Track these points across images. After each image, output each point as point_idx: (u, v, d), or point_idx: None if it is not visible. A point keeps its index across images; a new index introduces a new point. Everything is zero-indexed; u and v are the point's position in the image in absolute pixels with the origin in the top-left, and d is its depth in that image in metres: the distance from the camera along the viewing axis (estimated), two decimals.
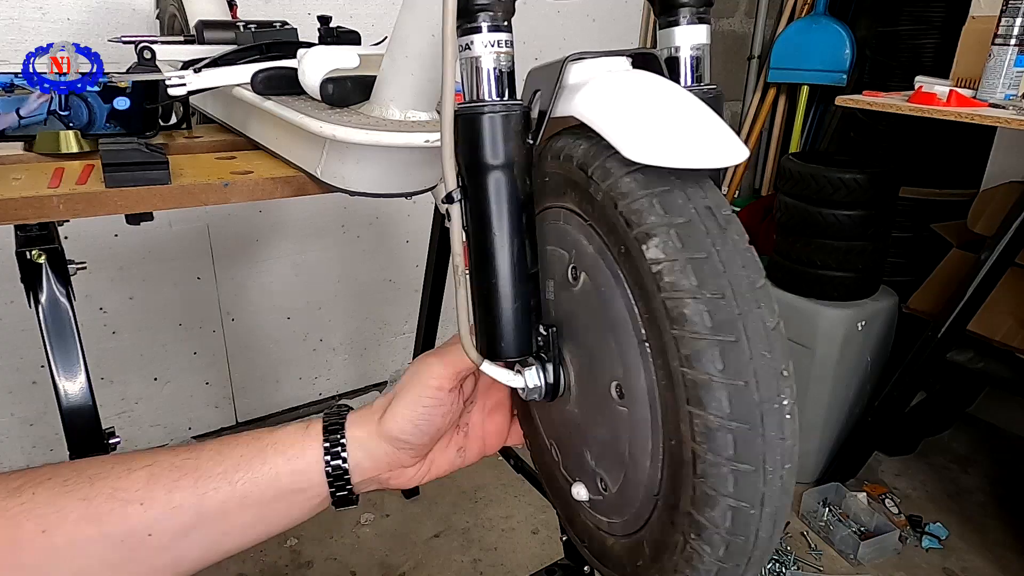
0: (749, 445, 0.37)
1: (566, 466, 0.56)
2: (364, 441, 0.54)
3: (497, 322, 0.48)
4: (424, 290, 1.76)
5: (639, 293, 0.41)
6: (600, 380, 0.46)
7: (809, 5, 2.74)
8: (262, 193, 0.90)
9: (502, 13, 0.46)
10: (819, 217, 1.87)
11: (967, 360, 1.93)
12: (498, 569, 1.77)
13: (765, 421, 0.38)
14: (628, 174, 0.41)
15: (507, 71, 0.47)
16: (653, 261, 0.39)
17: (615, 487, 0.48)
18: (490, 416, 0.62)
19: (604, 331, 0.45)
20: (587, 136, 0.45)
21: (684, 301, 0.38)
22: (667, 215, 0.39)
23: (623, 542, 0.49)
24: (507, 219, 0.47)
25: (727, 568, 0.40)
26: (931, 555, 1.85)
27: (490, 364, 0.51)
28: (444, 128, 0.46)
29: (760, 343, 0.38)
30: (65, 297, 0.90)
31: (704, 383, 0.37)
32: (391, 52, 0.77)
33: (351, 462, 0.53)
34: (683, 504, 0.40)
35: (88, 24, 1.68)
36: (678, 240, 0.39)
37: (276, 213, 2.07)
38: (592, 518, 0.53)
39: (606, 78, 0.46)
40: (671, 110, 0.43)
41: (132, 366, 1.98)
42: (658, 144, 0.40)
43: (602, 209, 0.42)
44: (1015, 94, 1.63)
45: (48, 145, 0.94)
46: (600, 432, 0.48)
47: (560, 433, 0.55)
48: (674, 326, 0.38)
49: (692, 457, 0.38)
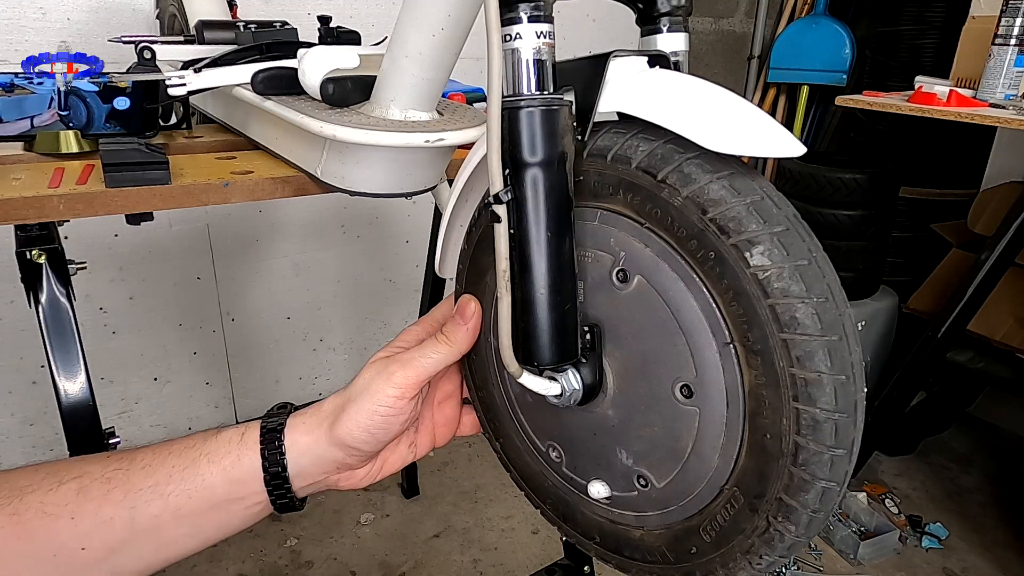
0: (847, 432, 0.41)
1: (575, 466, 0.55)
2: (310, 446, 0.51)
3: (546, 327, 0.47)
4: (424, 290, 1.76)
5: (731, 297, 0.42)
6: (658, 381, 0.47)
7: (809, 5, 2.74)
8: (262, 193, 0.90)
9: (545, 2, 0.45)
10: (819, 217, 1.87)
11: (967, 360, 1.93)
12: (498, 569, 1.77)
13: (857, 409, 0.41)
14: (715, 180, 0.42)
15: (552, 63, 0.46)
16: (759, 268, 0.40)
17: (662, 482, 0.48)
18: (439, 408, 0.60)
19: (670, 333, 0.45)
20: (642, 136, 0.45)
21: (795, 306, 0.40)
22: (767, 223, 0.41)
23: (660, 532, 0.50)
24: (558, 219, 0.46)
25: (801, 541, 0.43)
26: (931, 555, 1.85)
27: (529, 376, 0.49)
28: (491, 123, 0.44)
29: (853, 339, 0.42)
30: (65, 297, 0.89)
31: (815, 381, 0.40)
32: (391, 52, 0.77)
33: (294, 469, 0.51)
34: (772, 492, 0.42)
35: (88, 24, 1.68)
36: (783, 248, 0.41)
37: (276, 213, 2.07)
38: (610, 514, 0.53)
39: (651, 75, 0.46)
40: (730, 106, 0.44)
41: (132, 366, 1.98)
42: (733, 136, 0.42)
43: (681, 214, 0.43)
44: (1015, 94, 1.63)
45: (48, 145, 0.94)
46: (648, 432, 0.49)
47: (570, 435, 0.55)
48: (784, 329, 0.40)
49: (793, 448, 0.41)
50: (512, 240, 0.46)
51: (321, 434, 0.51)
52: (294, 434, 0.52)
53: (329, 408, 0.53)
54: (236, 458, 0.50)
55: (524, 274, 0.47)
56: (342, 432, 0.51)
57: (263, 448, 0.51)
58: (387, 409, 0.51)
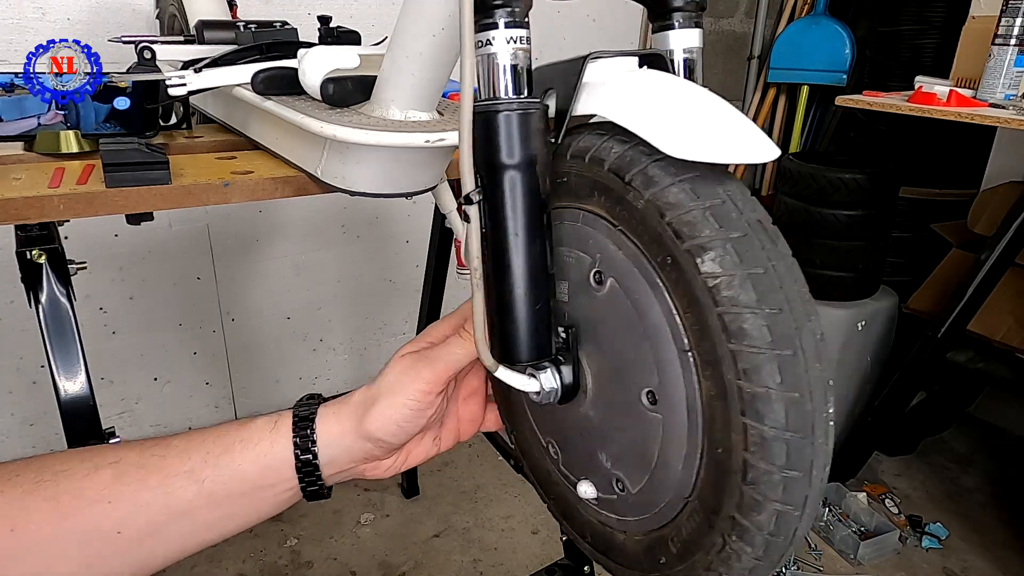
0: (801, 453, 0.38)
1: (568, 464, 0.56)
2: (339, 438, 0.53)
3: (517, 325, 0.48)
4: (424, 290, 1.76)
5: (687, 304, 0.41)
6: (628, 386, 0.46)
7: (809, 5, 2.74)
8: (262, 193, 0.90)
9: (520, 8, 0.45)
10: (819, 217, 1.87)
11: (967, 360, 1.93)
12: (498, 569, 1.77)
13: (815, 430, 0.39)
14: (676, 184, 0.41)
15: (526, 68, 0.46)
16: (709, 275, 0.39)
17: (635, 488, 0.48)
18: (465, 404, 0.61)
19: (636, 338, 0.44)
20: (617, 138, 0.44)
21: (744, 316, 0.38)
22: (722, 228, 0.39)
23: (639, 539, 0.49)
24: (528, 220, 0.46)
25: (762, 565, 0.41)
26: (931, 555, 1.85)
27: (505, 370, 0.50)
28: (463, 127, 0.45)
29: (813, 355, 0.39)
30: (65, 297, 0.89)
31: (762, 396, 0.38)
32: (391, 52, 0.77)
33: (324, 458, 0.53)
34: (726, 509, 0.40)
35: (88, 24, 1.68)
36: (736, 255, 0.39)
37: (276, 213, 2.07)
38: (598, 515, 0.53)
39: (630, 77, 0.45)
40: (703, 109, 0.43)
41: (132, 366, 1.98)
42: (698, 141, 0.40)
43: (643, 218, 0.42)
44: (1015, 94, 1.63)
45: (48, 145, 0.94)
46: (621, 436, 0.48)
47: (563, 433, 0.55)
48: (732, 340, 0.38)
49: (743, 466, 0.39)
50: (484, 239, 0.47)
51: (351, 426, 0.53)
52: (325, 424, 0.53)
53: (359, 400, 0.54)
54: (269, 445, 0.51)
55: (495, 273, 0.48)
56: (372, 426, 0.52)
57: (296, 437, 0.52)
58: (416, 403, 0.52)
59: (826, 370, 0.40)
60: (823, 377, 0.39)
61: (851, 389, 2.04)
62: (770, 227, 0.41)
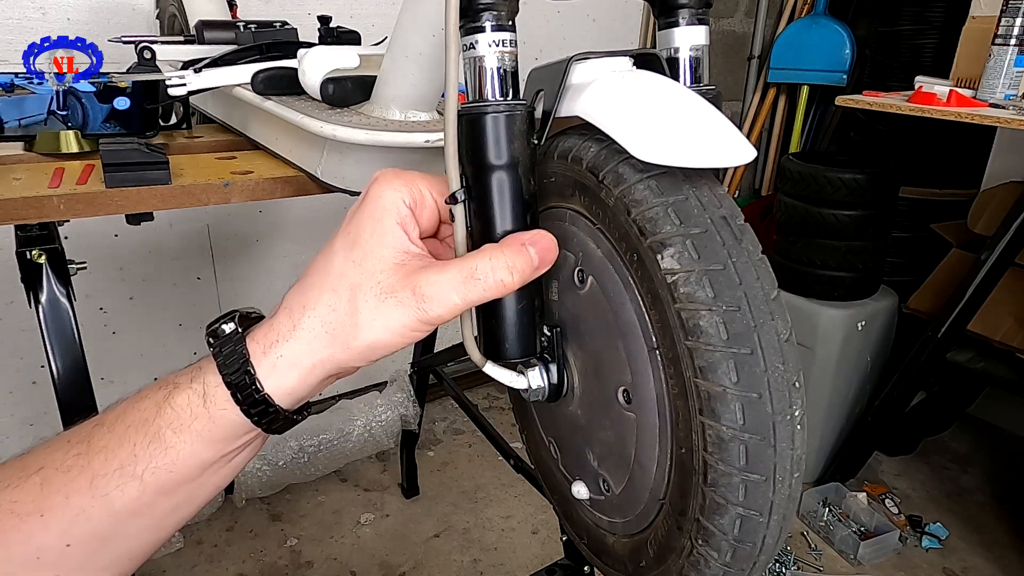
0: (760, 456, 0.38)
1: (565, 464, 0.56)
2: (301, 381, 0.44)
3: (502, 323, 0.48)
4: None
5: (651, 301, 0.40)
6: (607, 384, 0.46)
7: (809, 5, 2.74)
8: (262, 193, 0.90)
9: (506, 12, 0.45)
10: (819, 217, 1.87)
11: (967, 360, 1.93)
12: (498, 569, 1.77)
13: (777, 433, 0.38)
14: (642, 181, 0.41)
15: (511, 71, 0.47)
16: (668, 271, 0.38)
17: (618, 489, 0.48)
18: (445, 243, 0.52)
19: (612, 336, 0.45)
20: (596, 138, 0.45)
21: (700, 313, 0.38)
22: (683, 225, 0.39)
23: (625, 541, 0.49)
24: (512, 219, 0.46)
25: (732, 573, 0.41)
26: (931, 555, 1.85)
27: (493, 366, 0.50)
28: (447, 128, 0.46)
29: (774, 355, 0.38)
30: (65, 297, 0.90)
31: (718, 395, 0.37)
32: (391, 52, 0.78)
33: (285, 402, 0.44)
34: (691, 511, 0.40)
35: (88, 24, 1.68)
36: (694, 251, 0.38)
37: (276, 213, 2.07)
38: (592, 516, 0.53)
39: (611, 78, 0.45)
40: (678, 110, 0.43)
41: (132, 366, 1.98)
42: (667, 144, 0.40)
43: (614, 215, 0.42)
44: (1015, 94, 1.63)
45: (48, 145, 0.94)
46: (604, 435, 0.48)
47: (560, 432, 0.56)
48: (688, 337, 0.38)
49: (703, 466, 0.39)
50: (471, 238, 0.47)
51: (318, 371, 0.44)
52: (276, 379, 0.44)
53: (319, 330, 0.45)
54: (207, 419, 0.43)
55: None
56: (351, 362, 0.44)
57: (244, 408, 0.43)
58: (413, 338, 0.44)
59: (791, 371, 0.39)
60: (787, 378, 0.38)
61: (851, 389, 2.04)
62: (736, 224, 0.41)
